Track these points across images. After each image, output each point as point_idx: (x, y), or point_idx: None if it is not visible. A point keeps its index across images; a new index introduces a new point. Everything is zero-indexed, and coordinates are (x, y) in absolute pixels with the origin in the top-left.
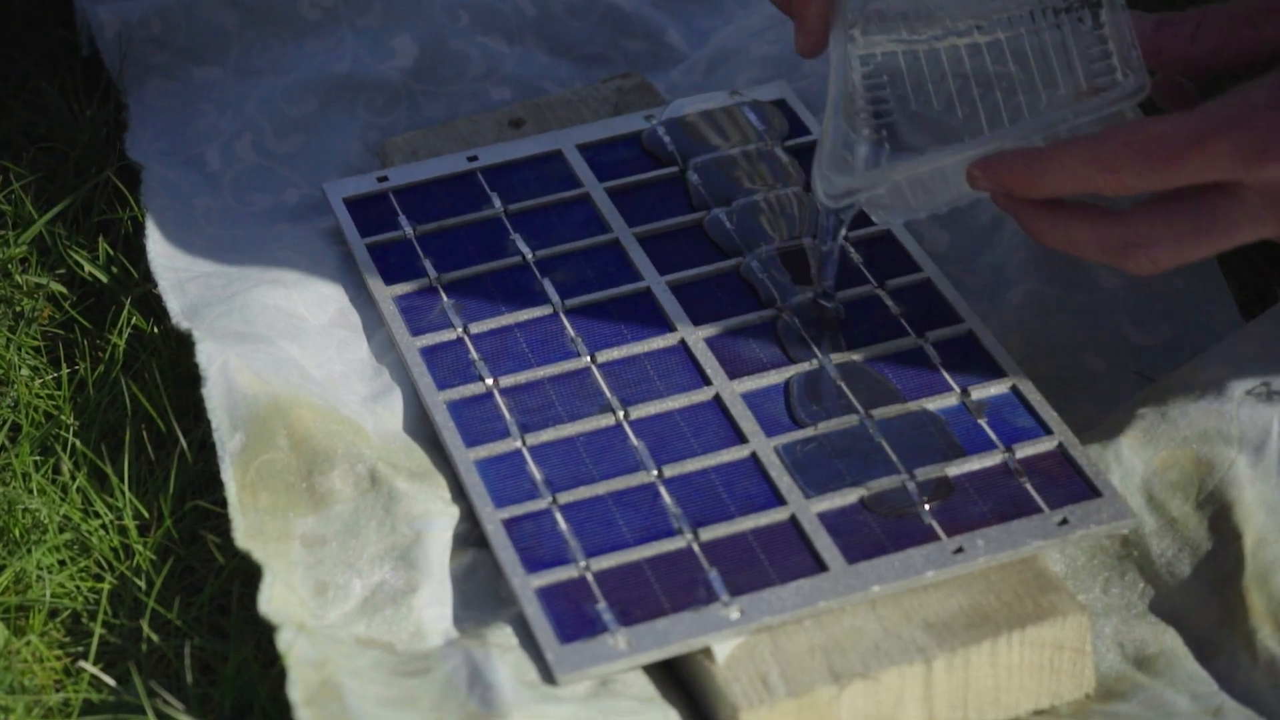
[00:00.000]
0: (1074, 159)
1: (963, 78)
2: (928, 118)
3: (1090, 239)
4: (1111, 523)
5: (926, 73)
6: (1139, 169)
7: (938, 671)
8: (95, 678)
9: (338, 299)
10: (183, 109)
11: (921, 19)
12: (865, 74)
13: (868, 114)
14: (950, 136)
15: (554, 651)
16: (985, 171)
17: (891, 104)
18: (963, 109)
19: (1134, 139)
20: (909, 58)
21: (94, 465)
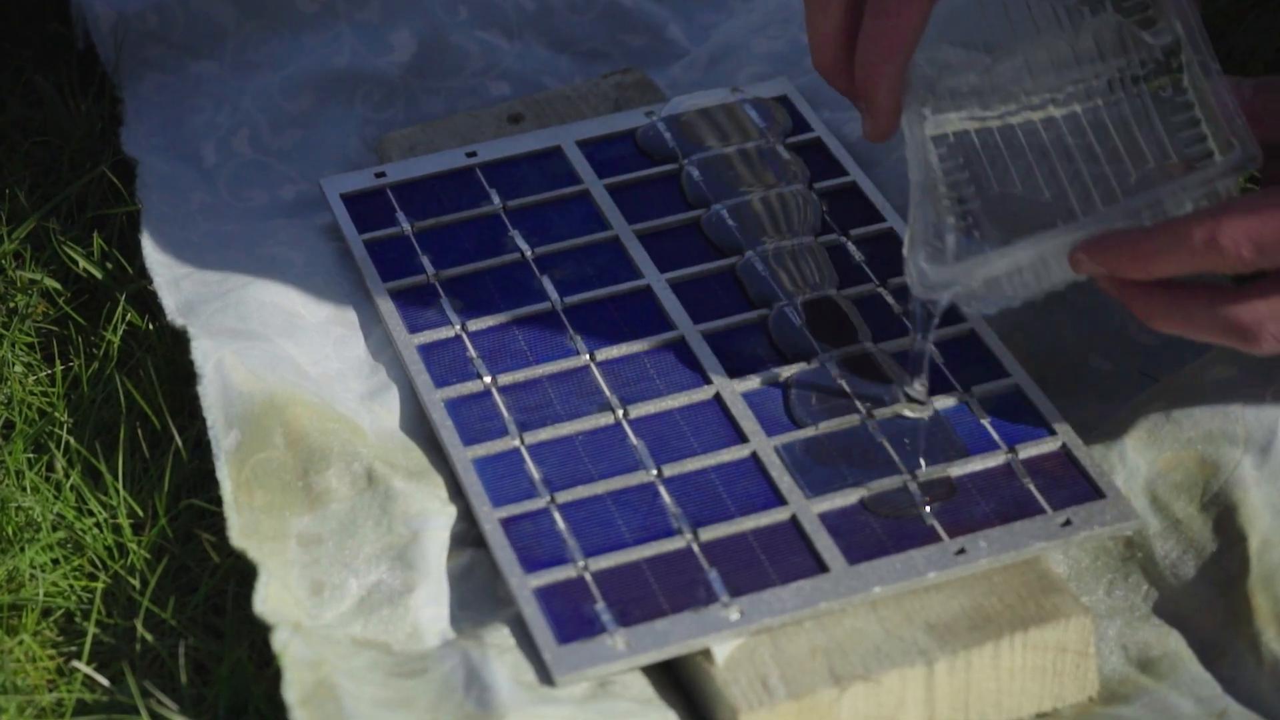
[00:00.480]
0: (1189, 238)
1: (1043, 155)
2: (1013, 200)
3: (1209, 321)
4: (1115, 524)
5: (1004, 151)
6: (1261, 244)
7: (939, 674)
8: (89, 678)
9: (334, 296)
10: (179, 104)
11: (993, 93)
12: (941, 156)
13: (951, 200)
14: (1041, 219)
15: (552, 652)
16: (1092, 255)
17: (972, 187)
18: (1049, 189)
19: (1254, 212)
20: (984, 136)
21: (88, 463)
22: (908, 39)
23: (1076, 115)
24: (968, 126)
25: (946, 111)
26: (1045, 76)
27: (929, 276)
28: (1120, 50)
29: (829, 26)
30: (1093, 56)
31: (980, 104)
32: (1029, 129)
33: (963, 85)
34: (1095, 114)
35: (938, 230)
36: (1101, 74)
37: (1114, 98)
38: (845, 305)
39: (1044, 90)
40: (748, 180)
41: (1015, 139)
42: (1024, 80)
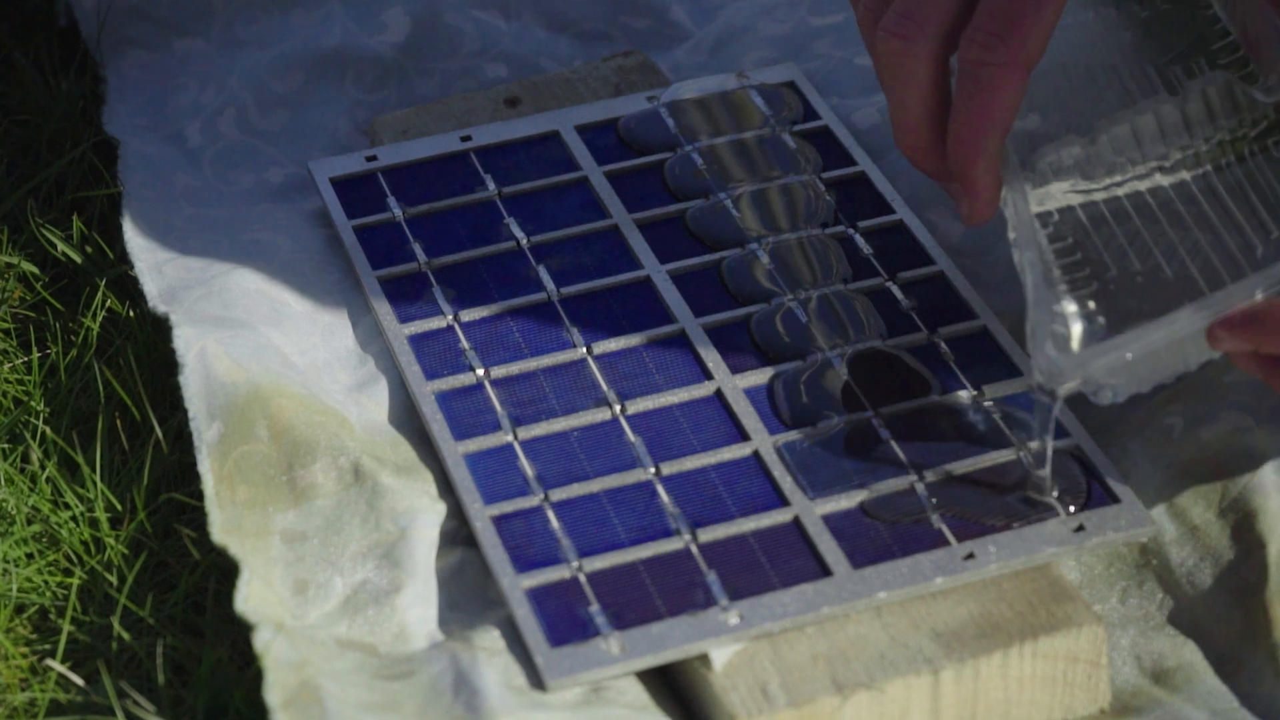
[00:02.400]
0: None
1: (1157, 228)
2: (1134, 278)
3: None
4: (1130, 530)
5: (1116, 227)
6: None
7: (946, 683)
8: (63, 677)
9: (323, 283)
10: (163, 82)
11: (1098, 164)
12: (1048, 235)
13: (1066, 283)
14: (1166, 297)
15: (544, 656)
16: (1234, 331)
17: (1087, 269)
18: (1170, 265)
19: None
20: (1090, 210)
21: (65, 454)
22: (1005, 113)
23: (1186, 183)
24: (1072, 201)
25: (1049, 185)
26: (1153, 144)
27: (1057, 365)
28: (1231, 110)
29: (916, 103)
30: (1202, 119)
31: (1084, 176)
32: (1137, 201)
33: (1065, 158)
34: (1206, 180)
35: (1060, 317)
36: (1211, 137)
37: (1225, 161)
38: (855, 301)
39: (1151, 159)
40: (753, 170)
41: (1124, 212)
42: (1129, 149)
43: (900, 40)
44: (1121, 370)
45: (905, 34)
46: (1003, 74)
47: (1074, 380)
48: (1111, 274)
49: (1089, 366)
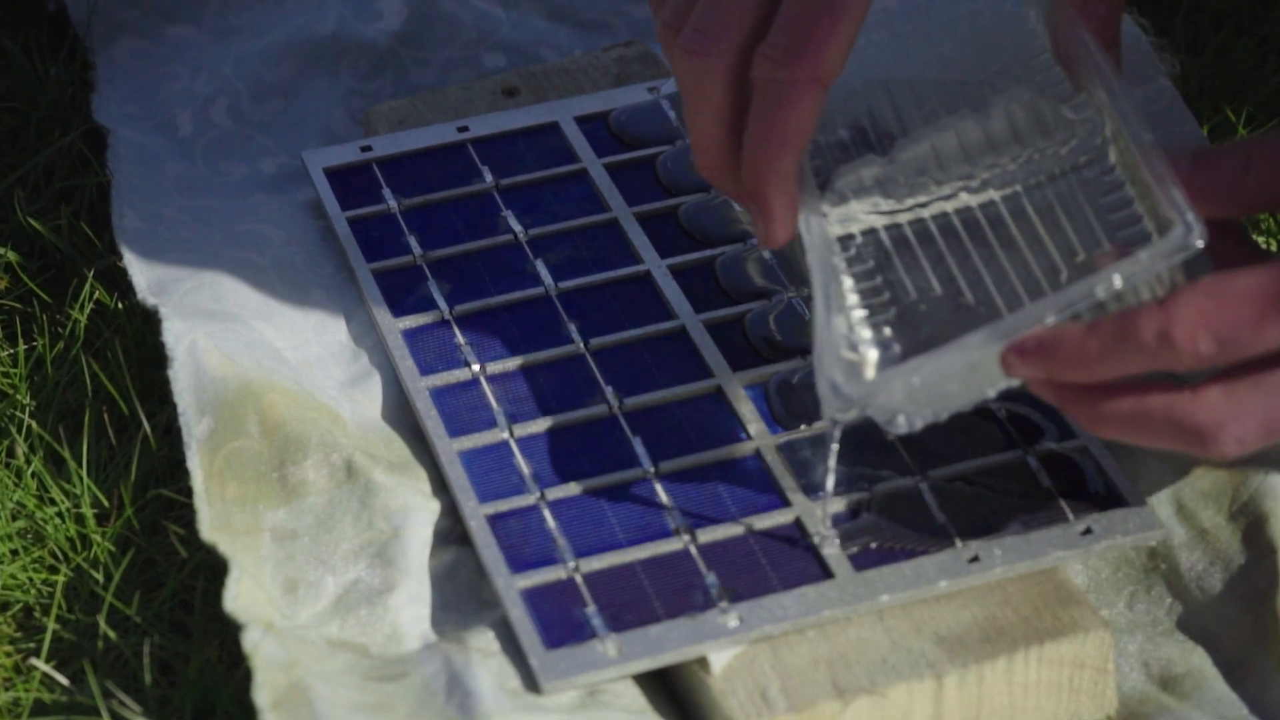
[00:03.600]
0: (1138, 335)
1: (962, 251)
2: (933, 303)
3: (1163, 426)
4: (1138, 533)
5: (918, 250)
6: (1220, 336)
7: (949, 688)
8: (47, 676)
9: (315, 276)
10: (153, 70)
11: (901, 183)
12: (849, 259)
13: (864, 307)
14: (965, 322)
15: (539, 658)
16: (1026, 358)
17: (887, 292)
18: (972, 289)
19: (1209, 300)
20: (894, 232)
21: (51, 449)
22: (800, 131)
23: (994, 204)
24: (875, 223)
25: (849, 205)
26: (957, 163)
27: (844, 392)
28: (1038, 129)
29: (712, 123)
30: (1007, 138)
31: (886, 196)
32: (943, 223)
33: (865, 178)
34: (1016, 201)
35: (850, 342)
36: (1019, 156)
37: (1034, 181)
38: None
39: (956, 178)
40: None
41: (929, 234)
42: (932, 169)
43: (695, 57)
44: (915, 397)
45: (700, 50)
46: (796, 91)
47: (859, 409)
48: (912, 299)
49: (876, 394)
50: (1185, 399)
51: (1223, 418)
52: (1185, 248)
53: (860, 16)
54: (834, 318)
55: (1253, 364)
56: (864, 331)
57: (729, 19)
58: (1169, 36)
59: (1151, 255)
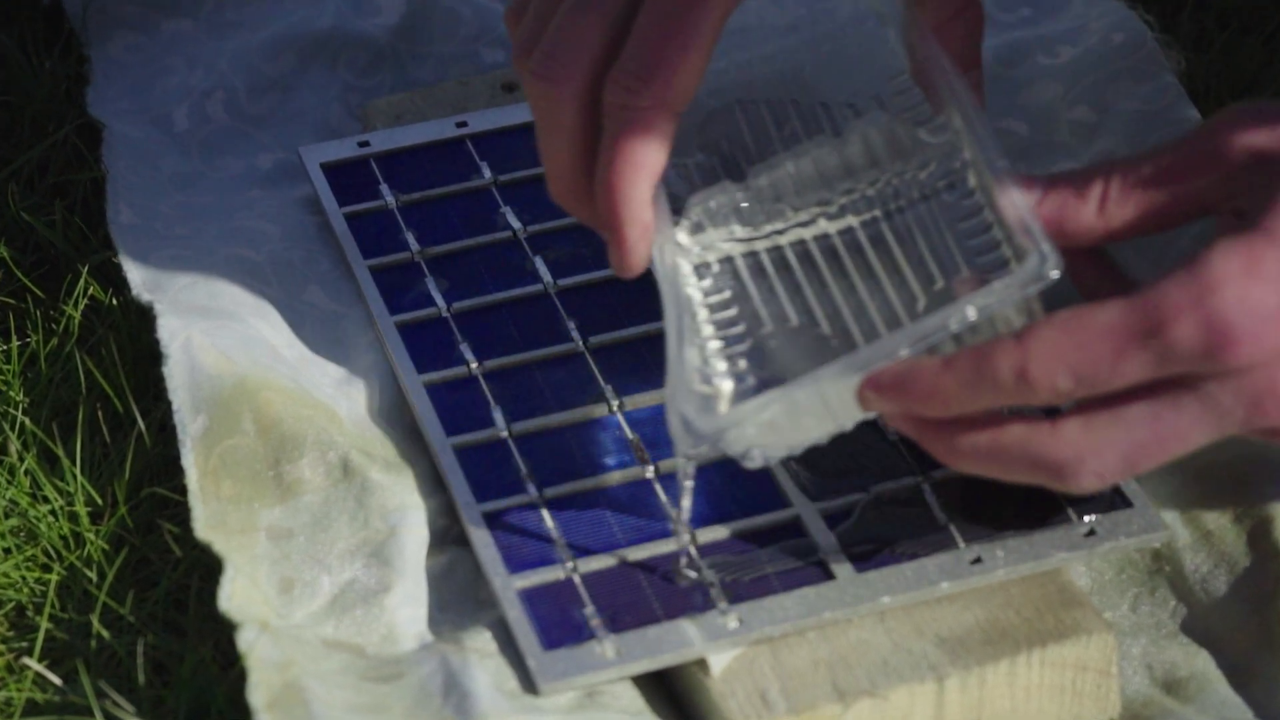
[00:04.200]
0: (994, 370)
1: (819, 280)
2: (790, 334)
3: (1020, 461)
4: (1142, 535)
5: (775, 278)
6: (1078, 372)
7: (950, 691)
8: (40, 676)
9: (312, 273)
10: (149, 64)
11: (758, 211)
12: (705, 289)
13: (719, 341)
14: (821, 353)
15: (536, 659)
16: (880, 392)
17: (742, 324)
18: (829, 320)
19: (1067, 335)
20: (750, 261)
21: (44, 446)
22: (652, 158)
23: (854, 230)
24: (732, 251)
25: (705, 233)
26: (814, 189)
27: (697, 427)
28: (896, 154)
29: (563, 149)
30: (864, 163)
31: (743, 223)
32: (801, 251)
33: (721, 204)
34: (875, 227)
35: (703, 375)
36: (877, 181)
37: (894, 206)
38: None
39: (813, 204)
40: None
41: (787, 263)
42: (789, 195)
43: (545, 83)
44: (769, 431)
45: (550, 76)
46: (647, 118)
47: (716, 442)
48: (767, 329)
49: (728, 429)
50: (1043, 433)
51: (1081, 452)
52: (1040, 278)
53: (711, 42)
54: (685, 349)
55: (1112, 396)
56: (718, 363)
57: (579, 44)
58: (1174, 33)
59: (1006, 286)
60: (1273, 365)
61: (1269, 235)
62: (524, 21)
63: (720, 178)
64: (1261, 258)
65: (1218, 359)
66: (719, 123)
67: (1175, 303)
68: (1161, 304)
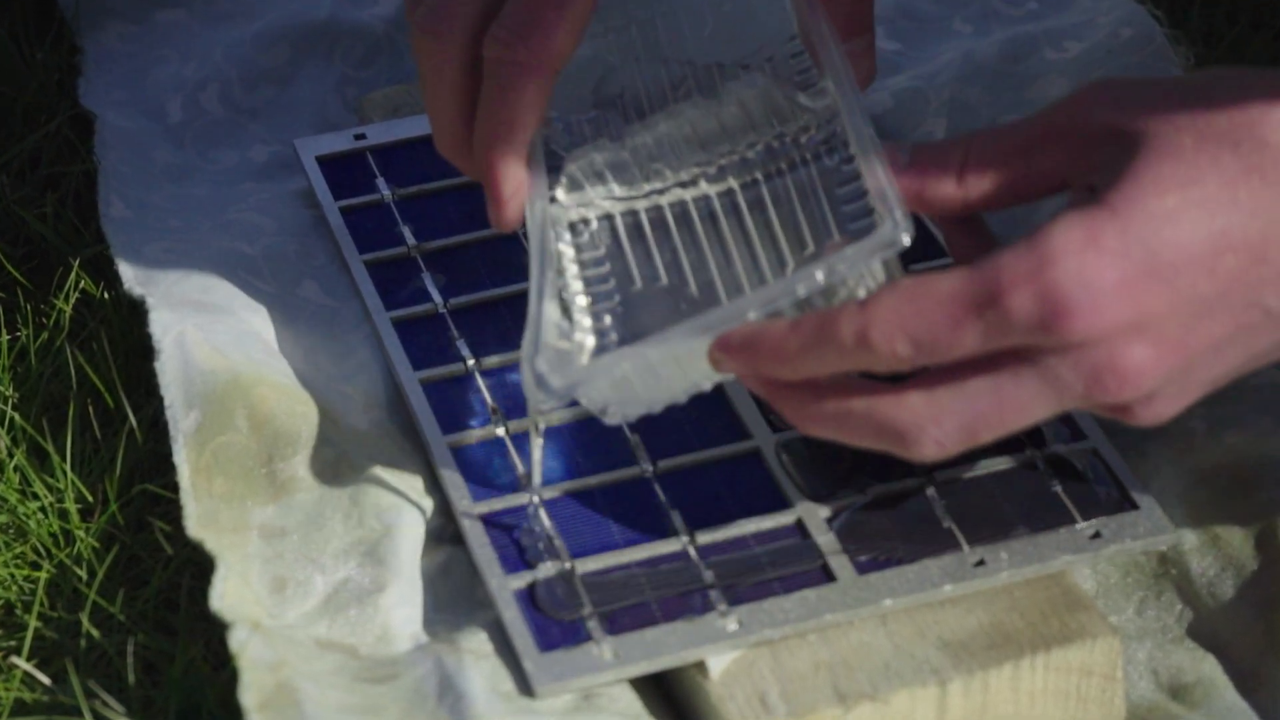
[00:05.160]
0: (836, 334)
1: (691, 239)
2: (658, 294)
3: (865, 426)
4: (1148, 537)
5: (650, 237)
6: (917, 340)
7: (953, 695)
8: (28, 675)
9: (307, 267)
10: (143, 55)
11: (636, 169)
12: (580, 245)
13: (586, 298)
14: (686, 313)
15: (533, 660)
16: (729, 353)
17: (611, 280)
18: (697, 280)
19: (908, 302)
20: (628, 220)
21: (34, 442)
22: (528, 113)
23: (733, 192)
24: (611, 209)
25: (583, 190)
26: (691, 150)
27: (549, 382)
28: (774, 117)
29: (447, 102)
30: (743, 125)
31: (620, 181)
32: (679, 211)
33: (597, 161)
34: (754, 190)
35: (564, 330)
36: (756, 144)
37: (773, 169)
38: None
39: (691, 165)
40: None
41: (664, 223)
42: (666, 155)
43: (430, 37)
44: (624, 389)
45: (434, 30)
46: (524, 74)
47: (563, 400)
48: (637, 288)
49: (581, 385)
50: (887, 401)
51: (922, 420)
52: (891, 244)
53: (590, 2)
54: (545, 304)
55: (955, 367)
56: (583, 319)
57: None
58: (1184, 29)
59: (857, 251)
60: (1112, 340)
61: (1112, 210)
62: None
63: (613, 133)
64: (1102, 232)
65: (1053, 331)
66: (616, 79)
67: (1013, 274)
68: (1000, 275)
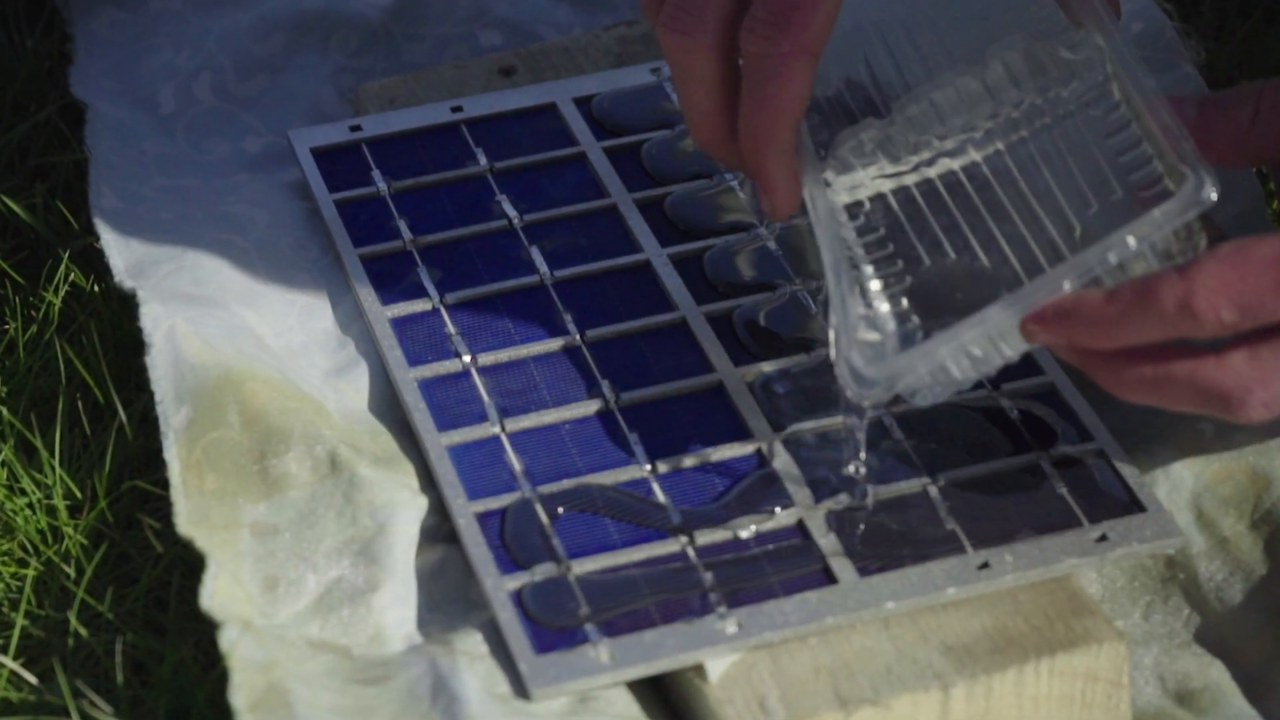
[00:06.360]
0: (1159, 301)
1: (973, 212)
2: (950, 270)
3: (1189, 391)
4: (1155, 541)
5: (929, 213)
6: (1244, 304)
7: (956, 700)
8: (15, 674)
9: (301, 260)
10: (135, 43)
11: (902, 143)
12: (858, 228)
13: (880, 282)
14: (983, 289)
15: (528, 662)
16: (1047, 326)
17: (900, 262)
18: (987, 253)
19: (1231, 268)
20: (901, 197)
21: (22, 437)
22: (794, 103)
23: (1001, 155)
24: (882, 188)
25: (853, 172)
26: (957, 115)
27: (866, 376)
28: (1036, 73)
29: (704, 98)
30: (1005, 84)
31: (889, 157)
32: (951, 181)
33: (865, 142)
34: (1023, 149)
35: (870, 321)
36: (1021, 103)
37: (1039, 125)
38: None
39: (958, 131)
40: None
41: (938, 196)
42: (933, 124)
43: (679, 35)
44: (939, 372)
45: (684, 29)
46: (786, 64)
47: (887, 388)
48: (927, 266)
49: (899, 376)
50: (1210, 364)
51: (1249, 382)
52: (1199, 203)
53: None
54: (849, 297)
55: (1276, 328)
56: (881, 305)
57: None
58: (1195, 22)
59: (1164, 213)
60: None
61: None
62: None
63: (860, 106)
64: None
65: None
66: (856, 46)
67: None
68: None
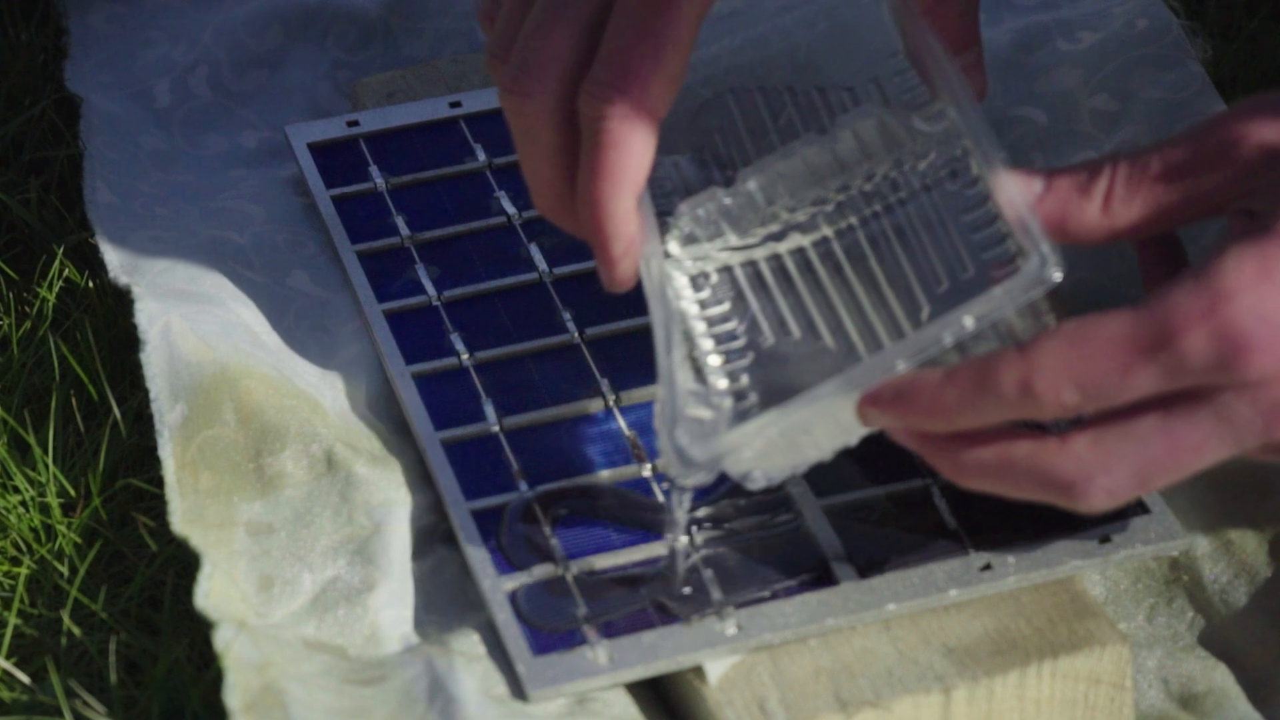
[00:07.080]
0: (998, 384)
1: (818, 287)
2: (791, 349)
3: (1028, 478)
4: (1159, 543)
5: (774, 288)
6: (1085, 387)
7: (958, 703)
8: (7, 674)
9: (297, 257)
10: (130, 36)
11: (750, 214)
12: (702, 301)
13: (718, 356)
14: (824, 366)
15: (526, 664)
16: (880, 407)
17: (743, 339)
18: (830, 331)
19: (1073, 348)
20: (749, 271)
21: (15, 434)
22: (633, 169)
23: (853, 229)
24: (730, 261)
25: (699, 244)
26: (806, 189)
27: (690, 455)
28: (889, 145)
29: (543, 163)
30: (858, 157)
31: (736, 230)
32: (800, 258)
33: (711, 212)
34: (875, 225)
35: (701, 397)
36: (874, 176)
37: (893, 200)
38: None
39: (807, 205)
40: None
41: (785, 272)
42: (781, 198)
43: (518, 98)
44: (769, 452)
45: (523, 90)
46: (625, 127)
47: (713, 470)
48: (768, 343)
49: (725, 456)
50: (1051, 449)
51: (1091, 469)
52: (1041, 282)
53: (688, 42)
54: (677, 371)
55: (1121, 411)
56: (718, 381)
57: (551, 54)
58: (1201, 20)
59: (1005, 292)
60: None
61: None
62: (497, 24)
63: (713, 173)
64: (1276, 263)
65: (1232, 370)
66: (712, 113)
67: (1186, 313)
68: (1171, 314)
